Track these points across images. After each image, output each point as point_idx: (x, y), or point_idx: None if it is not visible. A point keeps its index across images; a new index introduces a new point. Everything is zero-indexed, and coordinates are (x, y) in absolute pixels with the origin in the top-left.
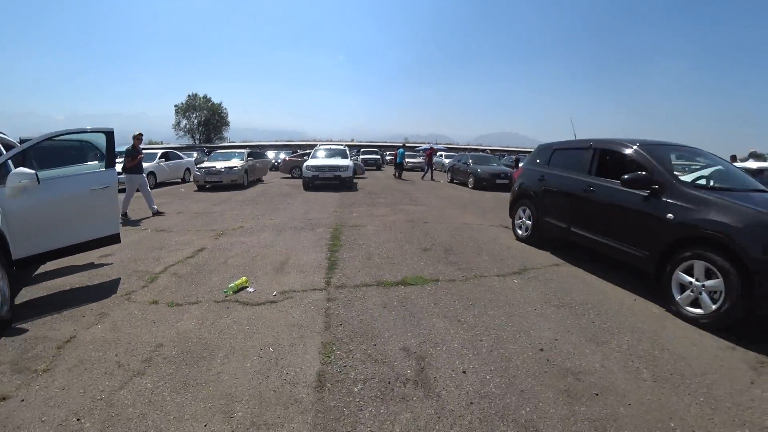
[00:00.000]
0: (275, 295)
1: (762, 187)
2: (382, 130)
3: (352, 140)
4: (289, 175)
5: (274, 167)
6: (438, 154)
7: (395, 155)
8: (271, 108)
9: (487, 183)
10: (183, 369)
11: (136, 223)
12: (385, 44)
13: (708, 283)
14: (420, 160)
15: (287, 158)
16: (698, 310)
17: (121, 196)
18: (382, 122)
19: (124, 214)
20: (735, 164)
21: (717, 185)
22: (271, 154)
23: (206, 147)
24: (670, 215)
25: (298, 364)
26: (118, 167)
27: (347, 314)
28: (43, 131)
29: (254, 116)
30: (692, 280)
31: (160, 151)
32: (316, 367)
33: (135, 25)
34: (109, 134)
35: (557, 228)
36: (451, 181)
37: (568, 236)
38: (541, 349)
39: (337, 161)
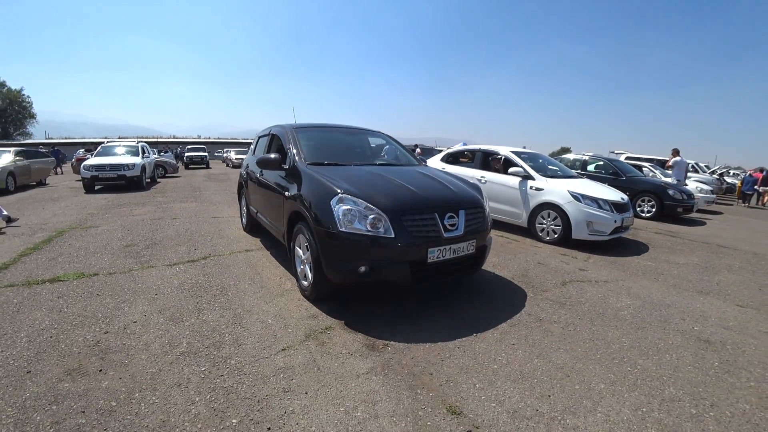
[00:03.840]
0: None
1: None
2: (241, 126)
3: (198, 136)
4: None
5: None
6: None
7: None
8: (109, 101)
9: None
10: None
11: None
12: (234, 34)
13: (305, 256)
14: None
15: (79, 157)
16: (305, 283)
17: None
18: (241, 119)
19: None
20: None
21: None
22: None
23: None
24: (287, 191)
25: None
26: None
27: None
28: None
29: (88, 109)
30: (302, 254)
31: None
32: None
33: None
34: None
35: (254, 215)
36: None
37: (259, 223)
38: (97, 342)
39: (122, 159)
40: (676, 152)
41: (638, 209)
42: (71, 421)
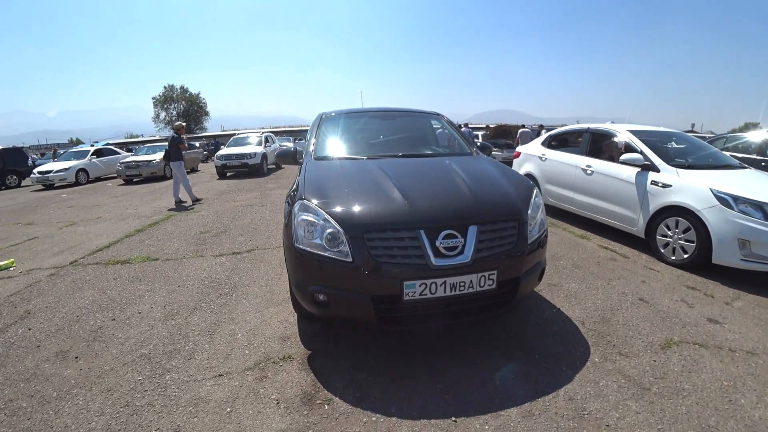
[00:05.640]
0: (21, 272)
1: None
2: None
3: None
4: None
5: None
6: None
7: None
8: (268, 95)
9: None
10: None
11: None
12: (372, 20)
13: None
14: None
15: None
16: None
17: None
18: (381, 103)
19: (178, 201)
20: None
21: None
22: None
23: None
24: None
25: None
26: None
27: (44, 288)
28: (36, 129)
29: (250, 103)
30: None
31: (92, 149)
32: None
33: (117, 11)
34: None
35: None
36: None
37: None
38: (99, 328)
39: (245, 149)
40: None
41: None
42: (19, 403)
